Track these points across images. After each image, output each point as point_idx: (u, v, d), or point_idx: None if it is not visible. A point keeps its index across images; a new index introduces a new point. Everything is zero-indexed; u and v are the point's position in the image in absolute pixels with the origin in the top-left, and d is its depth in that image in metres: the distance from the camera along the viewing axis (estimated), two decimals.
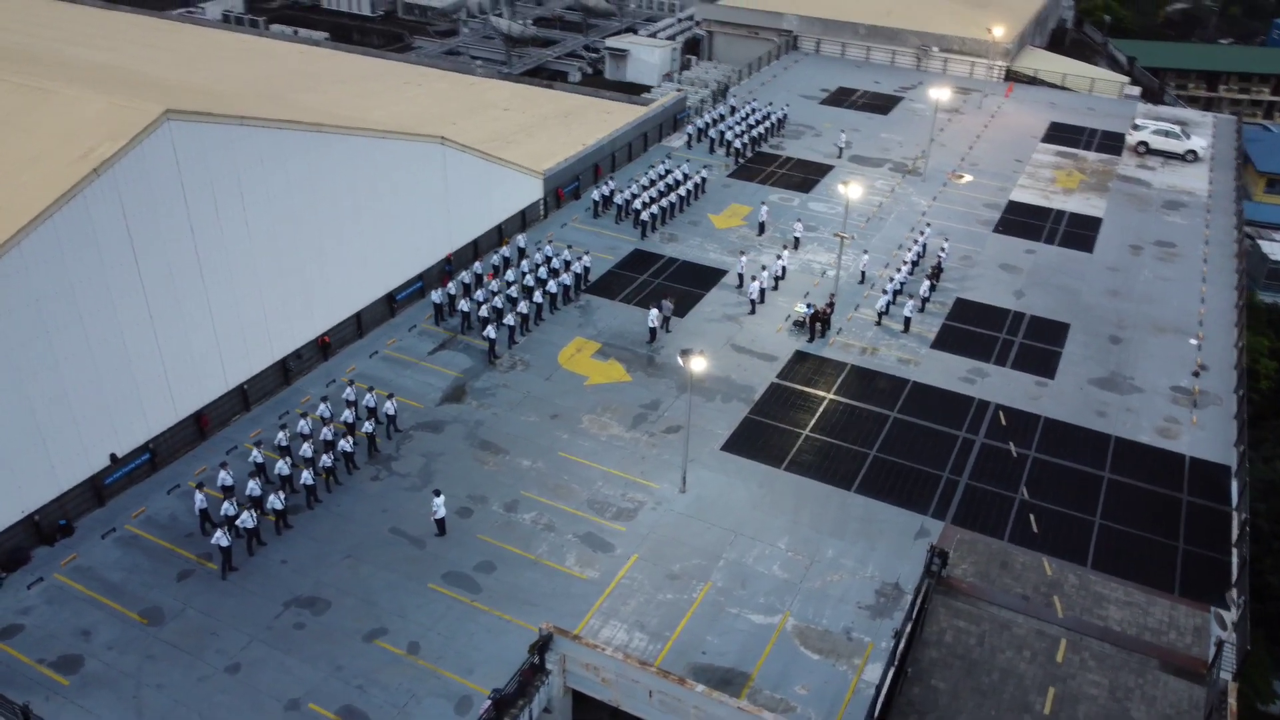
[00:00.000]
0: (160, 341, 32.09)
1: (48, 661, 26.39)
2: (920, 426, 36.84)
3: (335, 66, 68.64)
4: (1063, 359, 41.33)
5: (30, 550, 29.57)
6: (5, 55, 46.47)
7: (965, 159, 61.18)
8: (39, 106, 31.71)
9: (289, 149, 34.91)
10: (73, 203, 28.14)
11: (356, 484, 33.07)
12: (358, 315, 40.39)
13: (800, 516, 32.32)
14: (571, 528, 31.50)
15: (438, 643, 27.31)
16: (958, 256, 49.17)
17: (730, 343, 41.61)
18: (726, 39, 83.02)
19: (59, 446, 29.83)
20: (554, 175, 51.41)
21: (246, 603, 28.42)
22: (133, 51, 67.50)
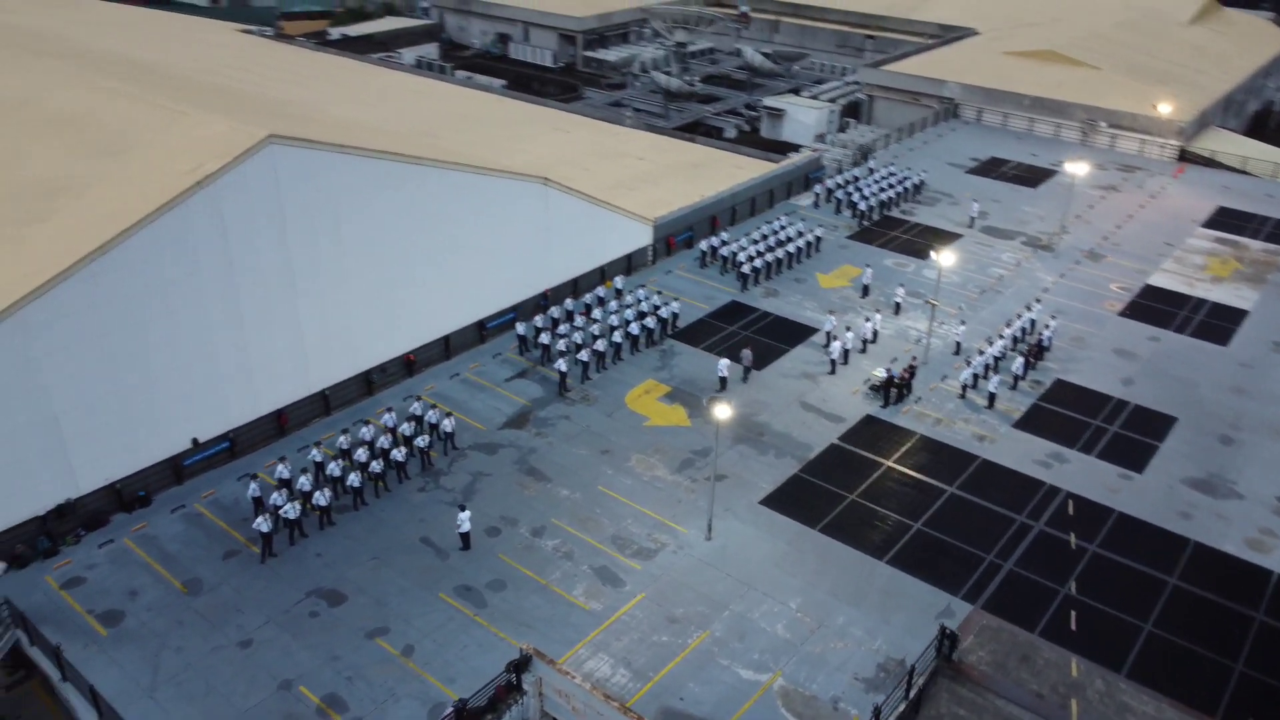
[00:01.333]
0: (247, 342, 35.35)
1: (95, 613, 29.44)
2: (976, 505, 35.23)
3: (497, 111, 73.04)
4: (1158, 454, 38.43)
5: (110, 515, 33.08)
6: (196, 87, 52.69)
7: (1109, 238, 58.04)
8: (172, 125, 35.95)
9: (387, 178, 37.83)
10: (175, 210, 31.73)
11: (403, 493, 35.01)
12: (446, 338, 42.82)
13: (820, 579, 31.60)
14: (589, 559, 32.12)
15: (430, 649, 28.50)
16: (1069, 337, 46.70)
17: (800, 400, 41.23)
18: (888, 104, 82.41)
19: (145, 426, 33.33)
20: (665, 223, 52.72)
21: (273, 587, 30.66)
22: (320, 88, 74.32)
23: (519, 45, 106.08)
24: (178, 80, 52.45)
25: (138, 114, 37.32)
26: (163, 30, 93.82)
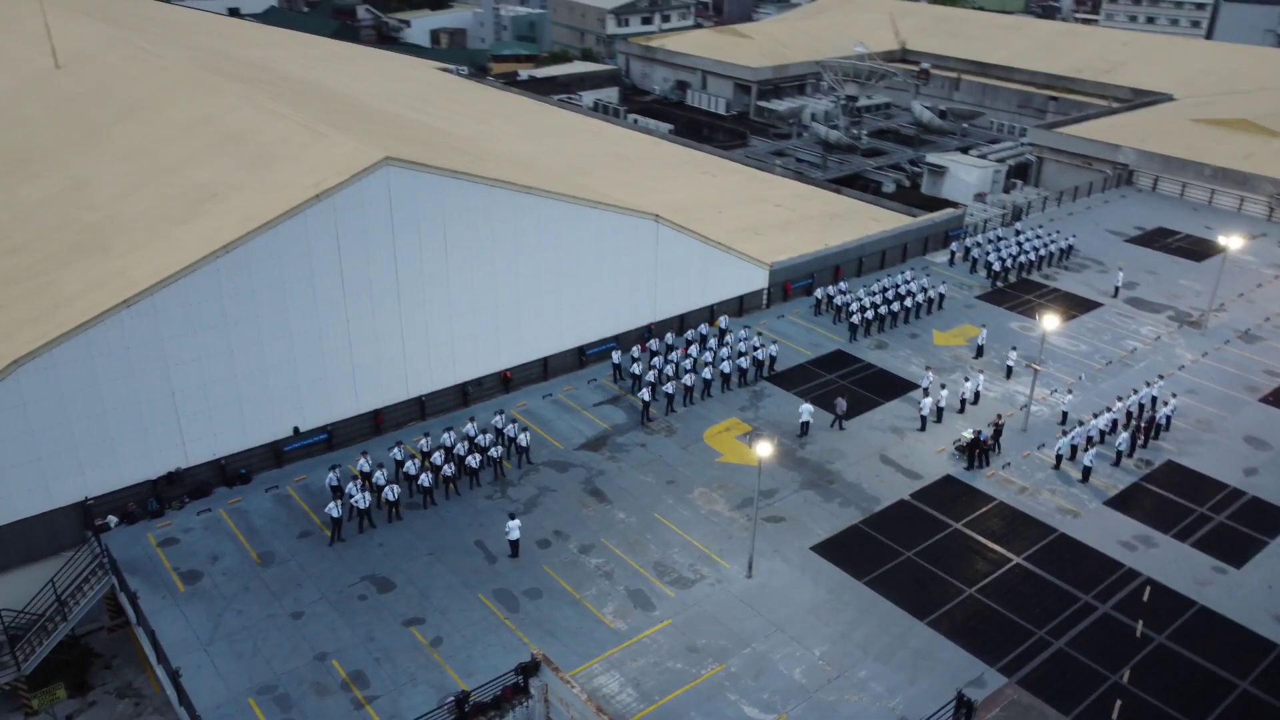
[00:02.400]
0: (352, 344, 38.59)
1: (180, 570, 32.89)
2: (1041, 578, 33.61)
3: (653, 153, 75.66)
4: (1266, 550, 35.37)
5: (213, 487, 36.82)
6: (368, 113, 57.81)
7: (1271, 320, 53.66)
8: (313, 144, 39.94)
9: (496, 204, 40.46)
10: (294, 219, 35.34)
11: (471, 498, 37.06)
12: (545, 360, 44.91)
13: (853, 631, 31.11)
14: (627, 581, 32.96)
15: (458, 643, 30.11)
16: (1194, 419, 43.62)
17: (881, 453, 40.58)
18: (1059, 167, 79.34)
19: (252, 411, 36.98)
20: (783, 268, 53.14)
21: (335, 567, 33.24)
22: (492, 123, 79.35)
23: (696, 93, 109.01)
24: (355, 107, 57.71)
25: (289, 133, 41.70)
26: (373, 65, 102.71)
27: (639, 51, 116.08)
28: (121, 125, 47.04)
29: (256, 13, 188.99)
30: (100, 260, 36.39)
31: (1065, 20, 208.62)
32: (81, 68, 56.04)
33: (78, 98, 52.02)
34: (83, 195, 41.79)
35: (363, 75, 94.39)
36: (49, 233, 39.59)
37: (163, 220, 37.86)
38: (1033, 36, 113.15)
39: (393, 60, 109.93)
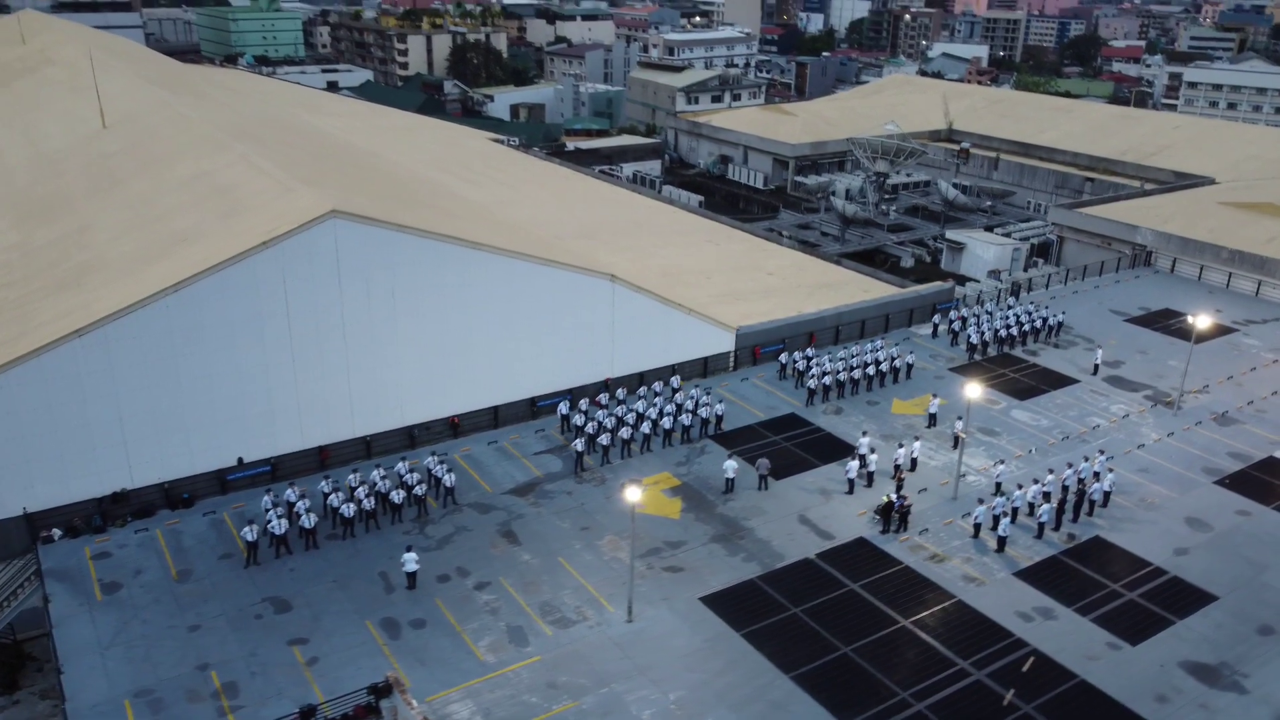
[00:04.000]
0: (298, 382, 41.27)
1: (103, 582, 35.46)
2: (922, 642, 33.50)
3: (668, 221, 77.79)
4: (1169, 629, 34.50)
5: (157, 509, 39.57)
6: (378, 175, 61.71)
7: (1254, 403, 52.17)
8: (280, 197, 43.33)
9: (445, 258, 43.03)
10: (242, 263, 38.45)
11: (390, 532, 38.87)
12: (495, 408, 46.86)
13: (716, 679, 31.59)
14: (511, 618, 34.16)
15: (333, 664, 31.71)
16: (1139, 498, 42.78)
17: (801, 513, 41.02)
18: (1079, 246, 78.60)
19: (199, 440, 39.80)
20: (751, 332, 54.25)
21: (243, 587, 35.36)
22: (519, 189, 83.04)
23: (738, 167, 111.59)
24: (359, 168, 61.71)
25: (265, 187, 45.30)
26: (429, 135, 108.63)
27: (687, 126, 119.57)
28: (135, 179, 51.61)
29: (353, 86, 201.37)
30: (74, 294, 40.11)
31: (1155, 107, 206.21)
32: (124, 127, 61.54)
33: (111, 154, 57.19)
34: (82, 238, 46.03)
35: (414, 143, 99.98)
36: (44, 270, 43.74)
37: (136, 261, 41.54)
38: (1083, 119, 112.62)
39: (450, 130, 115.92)
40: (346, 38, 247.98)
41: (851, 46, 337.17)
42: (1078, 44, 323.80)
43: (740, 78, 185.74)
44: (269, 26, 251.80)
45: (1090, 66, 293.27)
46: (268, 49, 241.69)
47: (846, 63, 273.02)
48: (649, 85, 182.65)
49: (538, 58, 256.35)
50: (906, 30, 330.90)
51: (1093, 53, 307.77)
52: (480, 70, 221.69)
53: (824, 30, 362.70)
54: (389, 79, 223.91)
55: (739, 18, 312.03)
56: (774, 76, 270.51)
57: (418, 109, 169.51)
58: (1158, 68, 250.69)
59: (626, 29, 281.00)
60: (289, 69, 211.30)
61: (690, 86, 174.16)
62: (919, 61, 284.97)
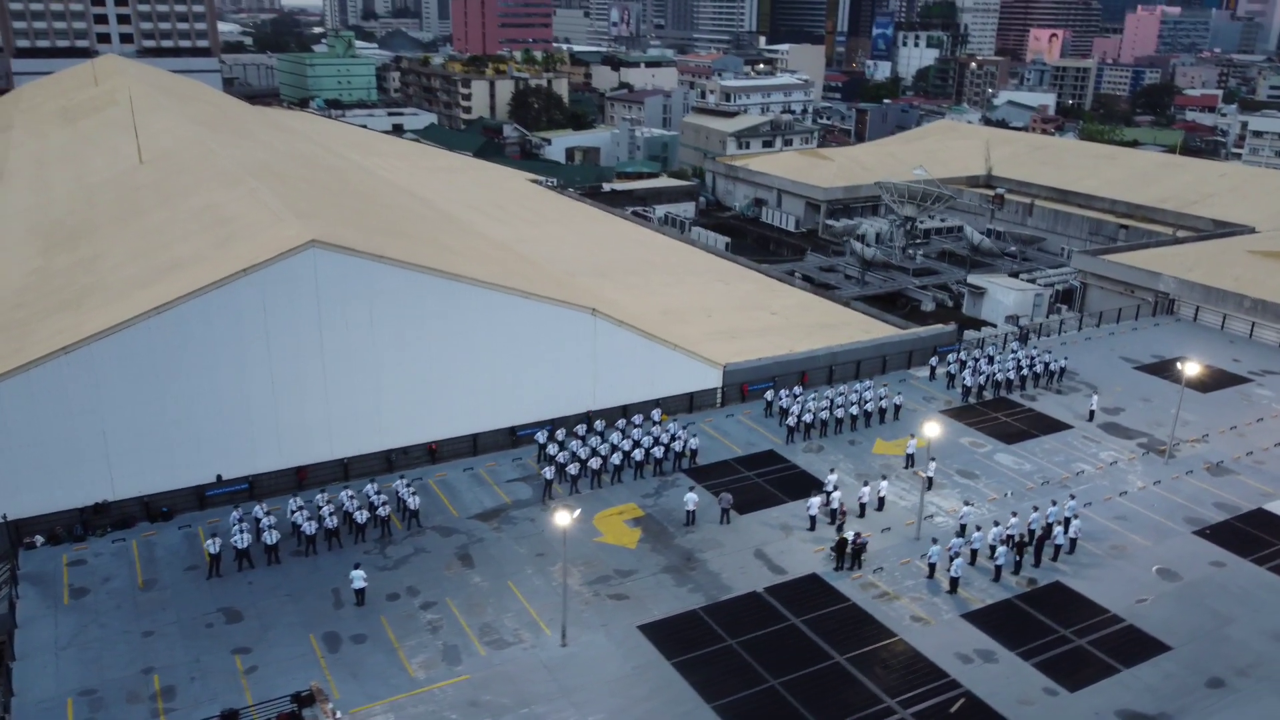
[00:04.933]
0: (278, 404, 43.02)
1: (73, 587, 37.31)
2: (854, 679, 33.34)
3: (682, 261, 78.87)
4: (1113, 678, 33.73)
5: (137, 520, 41.48)
6: (402, 211, 63.99)
7: (1254, 454, 50.68)
8: (272, 227, 45.44)
9: (424, 288, 44.61)
10: (223, 289, 40.50)
11: (352, 551, 40.09)
12: (474, 436, 48.03)
13: (636, 705, 31.90)
14: (449, 637, 34.97)
15: (270, 674, 32.84)
16: (1110, 544, 41.93)
17: (759, 547, 41.15)
18: (1102, 292, 77.39)
19: (179, 456, 41.70)
20: (739, 369, 54.70)
21: (202, 597, 36.84)
22: (543, 227, 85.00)
23: (771, 210, 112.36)
24: (382, 206, 64.11)
25: (262, 218, 47.56)
26: (471, 176, 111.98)
27: (724, 170, 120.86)
28: (154, 210, 54.55)
29: (418, 129, 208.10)
30: (72, 315, 42.59)
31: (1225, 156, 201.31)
32: (158, 163, 65.03)
33: (140, 187, 60.51)
34: (93, 264, 48.81)
35: (453, 183, 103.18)
36: (52, 293, 46.51)
37: (132, 285, 43.95)
38: (1127, 166, 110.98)
39: (493, 171, 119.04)
40: (415, 82, 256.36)
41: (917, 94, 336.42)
42: (1151, 92, 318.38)
43: (793, 123, 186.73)
44: (344, 72, 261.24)
45: (1163, 115, 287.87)
46: (341, 93, 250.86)
47: (908, 110, 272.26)
48: (701, 130, 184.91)
49: (599, 103, 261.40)
50: (972, 78, 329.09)
51: (1166, 101, 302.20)
52: (541, 114, 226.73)
53: (889, 78, 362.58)
54: (453, 122, 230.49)
55: (803, 65, 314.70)
56: (834, 123, 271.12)
57: (477, 151, 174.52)
58: (1232, 116, 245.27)
59: (690, 75, 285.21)
60: (358, 112, 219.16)
61: (741, 132, 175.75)
62: (983, 109, 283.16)
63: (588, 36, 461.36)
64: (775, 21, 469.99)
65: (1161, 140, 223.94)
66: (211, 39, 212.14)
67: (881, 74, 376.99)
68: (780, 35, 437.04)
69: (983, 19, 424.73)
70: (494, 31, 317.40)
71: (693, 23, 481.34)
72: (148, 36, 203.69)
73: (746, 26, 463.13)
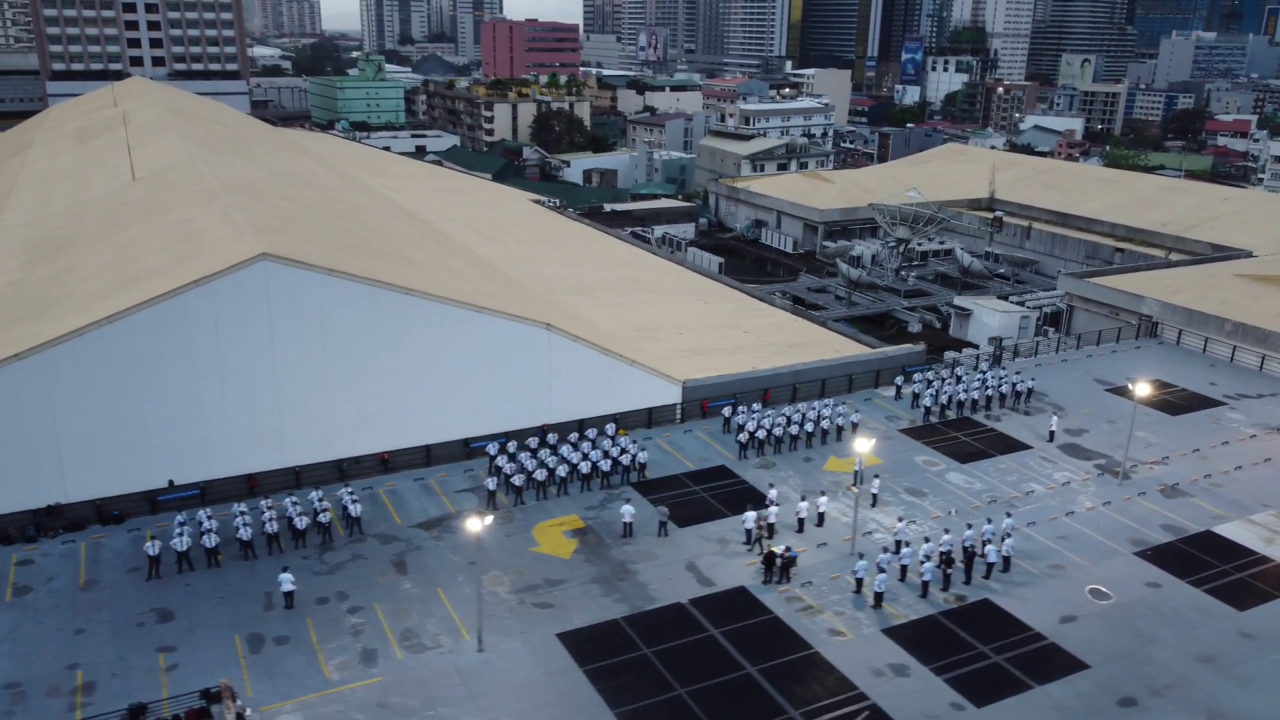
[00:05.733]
0: (228, 412, 44.18)
1: (16, 585, 38.54)
2: (761, 690, 33.58)
3: (668, 280, 79.51)
4: (1022, 696, 33.69)
5: (89, 523, 42.71)
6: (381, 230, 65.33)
7: (1212, 477, 50.23)
8: (232, 242, 46.76)
9: (376, 302, 45.68)
10: (173, 300, 41.84)
11: (291, 556, 40.96)
12: (428, 447, 48.90)
13: (541, 711, 32.41)
14: (370, 641, 35.70)
15: (189, 673, 33.69)
16: (1047, 563, 41.82)
17: (692, 560, 41.52)
18: (1089, 315, 76.98)
19: (130, 461, 42.94)
20: (699, 386, 55.19)
21: (138, 599, 37.88)
22: (536, 248, 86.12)
23: (771, 231, 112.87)
24: (358, 224, 65.53)
25: (225, 233, 48.96)
26: (476, 196, 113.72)
27: (725, 191, 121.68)
28: (134, 225, 56.28)
29: (440, 150, 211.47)
30: (34, 324, 44.08)
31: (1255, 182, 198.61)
32: (148, 181, 67.00)
33: (126, 203, 62.40)
34: (65, 277, 50.46)
35: (454, 202, 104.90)
36: (21, 304, 48.15)
37: (94, 296, 45.44)
38: (1130, 191, 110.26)
39: (497, 192, 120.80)
40: (440, 105, 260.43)
41: (945, 119, 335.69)
42: (1181, 118, 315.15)
43: (808, 147, 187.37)
44: (373, 95, 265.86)
45: (1193, 140, 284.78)
46: (370, 115, 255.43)
47: (931, 134, 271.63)
48: (716, 153, 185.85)
49: (623, 126, 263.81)
50: (999, 103, 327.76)
51: (1196, 126, 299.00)
52: (562, 137, 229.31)
53: (917, 103, 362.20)
54: (475, 144, 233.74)
55: (829, 89, 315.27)
56: (857, 147, 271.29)
57: (496, 172, 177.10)
58: (1264, 142, 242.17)
59: (715, 99, 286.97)
60: (383, 134, 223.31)
61: (756, 154, 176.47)
62: (1009, 134, 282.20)
63: (620, 61, 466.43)
64: (805, 46, 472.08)
65: (1190, 166, 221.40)
66: (241, 62, 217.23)
67: (910, 99, 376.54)
68: (810, 60, 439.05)
69: (1013, 44, 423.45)
70: (521, 56, 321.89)
71: (723, 48, 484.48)
72: (179, 60, 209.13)
73: (776, 51, 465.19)
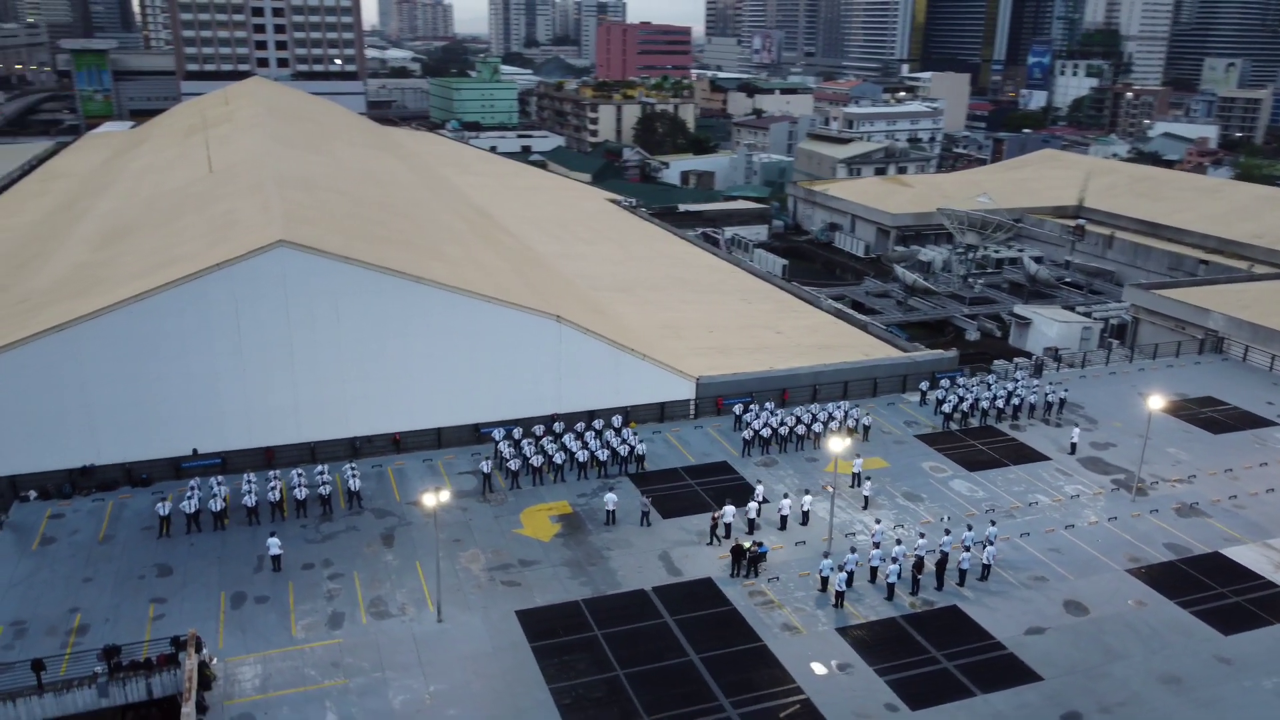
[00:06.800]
0: (246, 389, 47.21)
1: (45, 536, 42.26)
2: (699, 678, 34.16)
3: (716, 280, 79.97)
4: (962, 701, 33.29)
5: (119, 484, 46.37)
6: (381, 219, 68.20)
7: (1237, 498, 47.91)
8: (260, 229, 49.87)
9: (386, 289, 48.04)
10: (195, 282, 45.07)
11: (292, 524, 43.58)
12: (439, 430, 51.02)
13: (477, 681, 33.79)
14: (340, 605, 37.83)
15: (173, 622, 36.44)
16: (1029, 574, 40.91)
17: (664, 551, 42.27)
18: (1154, 328, 73.92)
19: (157, 429, 46.39)
20: (714, 383, 55.73)
21: (146, 554, 41.06)
22: (596, 245, 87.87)
23: (844, 235, 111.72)
24: (405, 218, 68.54)
25: (258, 220, 52.17)
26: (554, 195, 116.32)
27: (803, 194, 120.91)
28: (189, 214, 60.42)
29: (544, 150, 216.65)
30: (77, 302, 48.09)
31: None
32: (221, 174, 71.59)
33: (194, 194, 66.89)
34: (117, 260, 54.70)
35: (528, 200, 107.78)
36: (76, 282, 52.47)
37: (132, 276, 49.21)
38: (1228, 201, 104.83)
39: (576, 190, 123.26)
40: (549, 106, 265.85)
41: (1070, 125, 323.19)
42: None
43: (908, 151, 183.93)
44: (487, 96, 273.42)
45: None
46: (483, 116, 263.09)
47: (1049, 140, 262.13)
48: (813, 156, 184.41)
49: (728, 128, 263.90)
50: (1128, 108, 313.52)
51: None
52: (665, 139, 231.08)
53: (1042, 108, 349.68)
54: (580, 145, 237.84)
55: (945, 93, 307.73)
56: (970, 152, 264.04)
57: (596, 172, 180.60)
58: None
59: (826, 103, 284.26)
60: (491, 134, 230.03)
61: (853, 158, 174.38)
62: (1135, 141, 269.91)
63: (738, 64, 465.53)
64: (928, 49, 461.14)
65: None
66: (358, 64, 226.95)
67: (1036, 103, 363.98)
68: (932, 63, 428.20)
69: (1149, 47, 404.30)
70: (633, 59, 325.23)
71: (842, 51, 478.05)
72: (301, 61, 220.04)
73: (897, 54, 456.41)
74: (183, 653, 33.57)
